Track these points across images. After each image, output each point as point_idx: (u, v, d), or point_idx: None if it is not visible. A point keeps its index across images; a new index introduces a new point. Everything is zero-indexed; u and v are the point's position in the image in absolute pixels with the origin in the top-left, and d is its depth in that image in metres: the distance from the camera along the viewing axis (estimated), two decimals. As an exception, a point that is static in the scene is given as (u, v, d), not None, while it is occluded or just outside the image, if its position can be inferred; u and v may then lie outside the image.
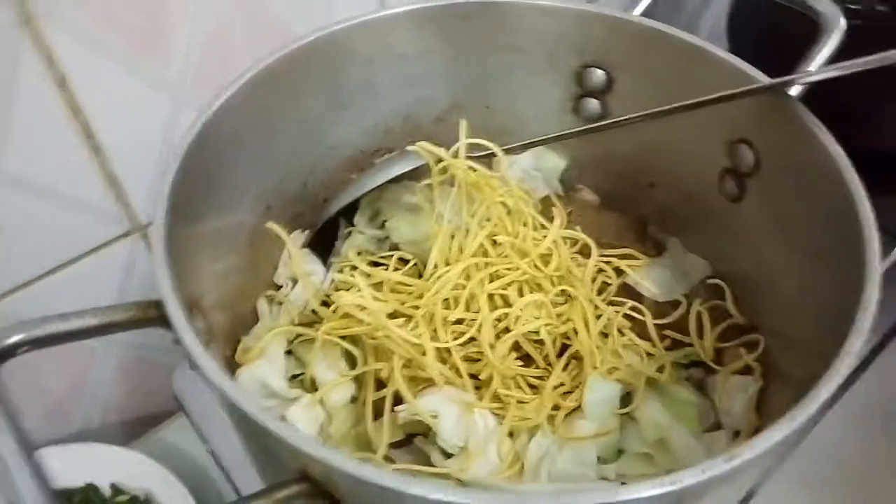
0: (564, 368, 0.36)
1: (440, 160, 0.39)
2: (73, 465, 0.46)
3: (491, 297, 0.36)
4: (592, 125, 0.41)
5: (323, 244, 0.43)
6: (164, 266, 0.27)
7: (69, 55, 0.37)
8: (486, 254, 0.38)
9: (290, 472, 0.24)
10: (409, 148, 0.38)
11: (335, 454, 0.22)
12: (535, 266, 0.37)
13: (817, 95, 0.34)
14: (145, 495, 0.46)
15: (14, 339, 0.24)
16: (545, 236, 0.38)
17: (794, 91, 0.34)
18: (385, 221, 0.44)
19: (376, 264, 0.42)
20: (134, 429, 0.54)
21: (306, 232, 0.42)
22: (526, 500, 0.21)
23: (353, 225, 0.44)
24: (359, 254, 0.42)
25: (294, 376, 0.38)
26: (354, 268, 0.41)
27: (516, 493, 0.24)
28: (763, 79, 0.35)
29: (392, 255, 0.41)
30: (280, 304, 0.41)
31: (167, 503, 0.45)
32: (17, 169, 0.39)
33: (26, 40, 0.36)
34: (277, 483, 0.24)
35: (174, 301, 0.26)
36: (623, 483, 0.33)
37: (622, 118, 0.40)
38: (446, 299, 0.36)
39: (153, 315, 0.27)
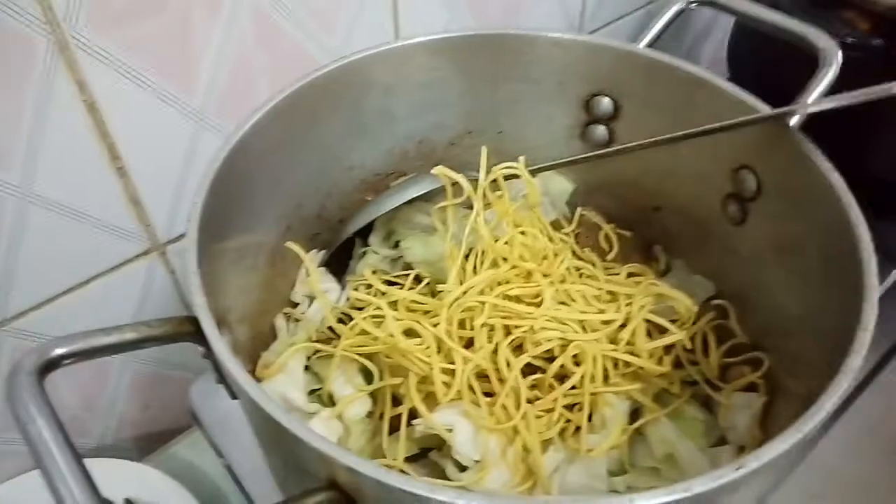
0: (575, 385, 0.37)
1: (456, 184, 0.40)
2: (88, 479, 0.47)
3: (505, 315, 0.37)
4: (600, 151, 0.43)
5: (337, 263, 0.44)
6: (197, 282, 0.28)
7: (100, 81, 0.38)
8: (500, 274, 0.39)
9: (316, 481, 0.25)
10: (434, 171, 0.39)
11: (365, 462, 0.23)
12: (550, 285, 0.38)
13: (815, 124, 0.35)
14: (159, 510, 0.47)
15: (59, 351, 0.25)
16: (557, 255, 0.40)
17: (794, 120, 0.35)
18: (398, 241, 0.45)
19: (390, 283, 0.43)
20: (147, 444, 0.54)
21: (322, 251, 0.43)
22: (546, 506, 0.22)
23: (367, 245, 0.45)
24: (373, 272, 0.44)
25: (311, 391, 0.39)
26: (369, 286, 0.42)
27: (536, 502, 0.25)
28: (765, 109, 0.36)
29: (407, 274, 0.42)
30: (297, 321, 0.42)
31: (180, 518, 0.46)
32: (44, 189, 0.40)
33: (61, 67, 0.37)
34: (307, 490, 0.25)
35: (207, 315, 0.27)
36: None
37: (628, 145, 0.41)
38: (462, 318, 0.37)
39: (186, 330, 0.28)
